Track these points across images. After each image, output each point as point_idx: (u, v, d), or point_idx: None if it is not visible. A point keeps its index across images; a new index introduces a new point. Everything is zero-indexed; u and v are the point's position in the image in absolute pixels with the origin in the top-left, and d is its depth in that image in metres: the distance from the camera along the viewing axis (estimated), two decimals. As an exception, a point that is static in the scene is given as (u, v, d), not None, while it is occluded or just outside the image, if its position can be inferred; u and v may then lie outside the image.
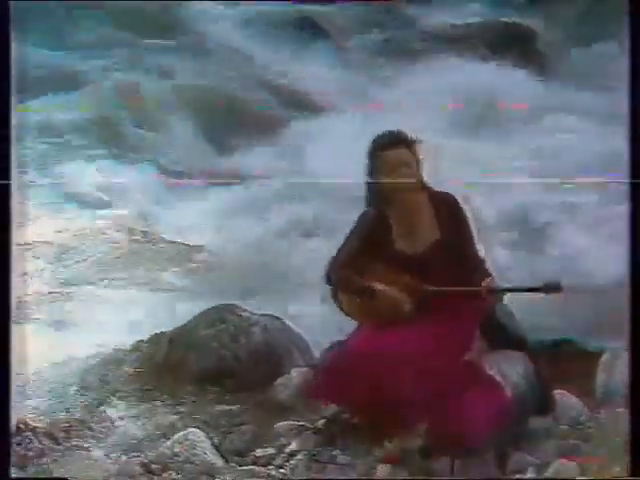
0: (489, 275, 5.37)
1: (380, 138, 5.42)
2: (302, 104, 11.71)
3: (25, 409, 6.17)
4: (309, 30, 12.95)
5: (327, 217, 8.82)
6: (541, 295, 5.34)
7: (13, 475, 5.04)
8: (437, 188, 5.53)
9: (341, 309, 5.54)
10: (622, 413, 5.50)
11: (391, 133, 5.44)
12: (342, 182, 7.87)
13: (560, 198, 9.51)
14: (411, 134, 5.45)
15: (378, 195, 5.45)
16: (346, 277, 5.48)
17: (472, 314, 5.46)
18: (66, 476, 5.37)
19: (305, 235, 9.06)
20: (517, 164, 10.12)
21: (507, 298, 5.56)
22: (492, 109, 10.96)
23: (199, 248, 9.27)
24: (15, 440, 5.67)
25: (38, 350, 6.89)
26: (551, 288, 5.31)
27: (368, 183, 5.47)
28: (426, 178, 5.50)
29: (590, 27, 12.38)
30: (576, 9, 12.98)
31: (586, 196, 9.43)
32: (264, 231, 9.27)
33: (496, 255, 7.78)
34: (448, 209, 5.46)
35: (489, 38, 12.54)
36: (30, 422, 5.86)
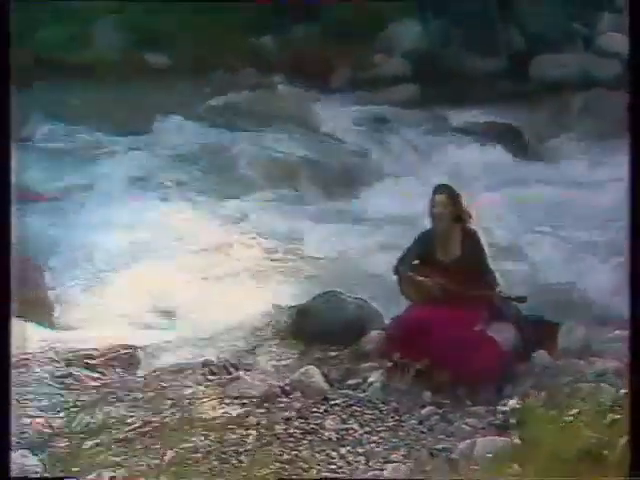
0: (496, 285, 5.50)
1: (435, 187, 5.59)
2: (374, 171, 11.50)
3: (211, 349, 6.24)
4: (382, 123, 12.83)
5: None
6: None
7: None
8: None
9: (402, 292, 5.73)
10: (575, 362, 5.56)
11: (440, 184, 5.61)
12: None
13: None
14: (453, 187, 5.60)
15: (431, 221, 5.63)
16: (402, 270, 5.66)
17: (481, 301, 5.52)
18: (235, 393, 5.31)
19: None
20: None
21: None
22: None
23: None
24: (202, 371, 5.70)
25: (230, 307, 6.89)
26: (520, 299, 5.51)
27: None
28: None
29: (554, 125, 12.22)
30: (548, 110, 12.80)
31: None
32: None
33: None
34: (469, 236, 5.59)
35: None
36: (213, 359, 5.90)
